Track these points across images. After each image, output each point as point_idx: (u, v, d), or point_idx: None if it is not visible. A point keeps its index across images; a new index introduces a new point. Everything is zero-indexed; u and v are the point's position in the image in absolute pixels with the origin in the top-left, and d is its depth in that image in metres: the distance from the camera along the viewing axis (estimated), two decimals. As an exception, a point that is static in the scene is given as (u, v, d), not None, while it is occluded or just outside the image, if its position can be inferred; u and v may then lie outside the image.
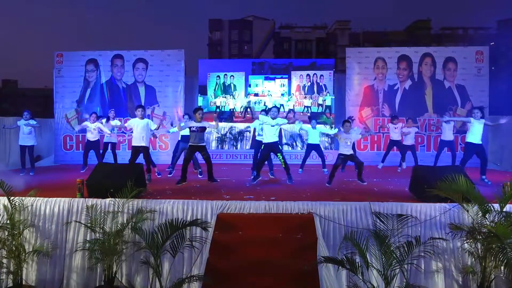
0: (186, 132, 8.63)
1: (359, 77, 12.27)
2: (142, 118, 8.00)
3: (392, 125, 10.29)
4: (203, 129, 7.79)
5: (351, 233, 4.99)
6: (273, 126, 7.64)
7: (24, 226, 5.61)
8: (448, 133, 9.69)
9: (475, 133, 8.02)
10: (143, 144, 7.94)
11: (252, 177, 7.97)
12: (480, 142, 8.07)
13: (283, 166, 7.80)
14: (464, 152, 8.41)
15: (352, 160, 7.93)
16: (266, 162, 8.80)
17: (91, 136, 9.75)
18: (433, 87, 12.06)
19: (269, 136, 7.74)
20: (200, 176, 8.82)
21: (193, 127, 7.73)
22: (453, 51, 12.10)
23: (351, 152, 8.01)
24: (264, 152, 7.95)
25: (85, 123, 9.91)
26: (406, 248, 4.84)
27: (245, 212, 5.78)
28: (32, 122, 9.44)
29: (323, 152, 9.99)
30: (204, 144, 7.90)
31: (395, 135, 10.18)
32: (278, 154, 7.77)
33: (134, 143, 7.99)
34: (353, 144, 10.18)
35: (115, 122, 9.95)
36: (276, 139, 7.78)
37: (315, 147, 9.76)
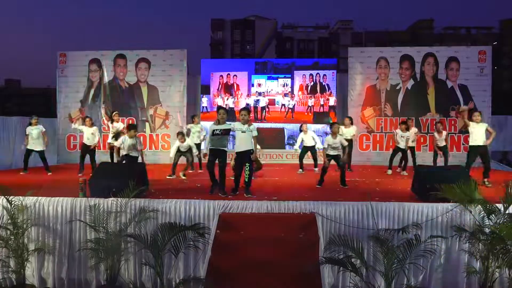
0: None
1: (361, 77, 12.25)
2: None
3: (400, 132, 9.56)
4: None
5: (335, 238, 4.95)
6: (243, 132, 6.58)
7: (27, 225, 5.62)
8: (440, 139, 9.58)
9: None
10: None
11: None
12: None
13: (245, 179, 6.68)
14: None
15: (336, 161, 7.73)
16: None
17: (88, 141, 9.38)
18: (435, 87, 12.02)
19: (239, 144, 6.67)
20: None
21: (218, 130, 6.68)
22: (455, 51, 12.06)
23: (338, 152, 7.70)
24: (236, 163, 6.82)
25: (81, 127, 9.59)
26: (406, 248, 4.82)
27: (247, 212, 5.77)
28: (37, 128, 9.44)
29: (317, 154, 10.10)
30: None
31: (403, 144, 9.52)
32: (247, 164, 6.68)
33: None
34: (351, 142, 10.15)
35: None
36: (248, 147, 6.60)
37: (310, 148, 9.84)
